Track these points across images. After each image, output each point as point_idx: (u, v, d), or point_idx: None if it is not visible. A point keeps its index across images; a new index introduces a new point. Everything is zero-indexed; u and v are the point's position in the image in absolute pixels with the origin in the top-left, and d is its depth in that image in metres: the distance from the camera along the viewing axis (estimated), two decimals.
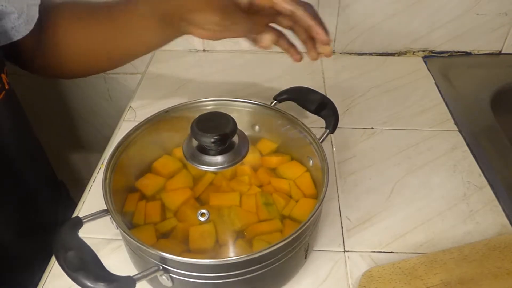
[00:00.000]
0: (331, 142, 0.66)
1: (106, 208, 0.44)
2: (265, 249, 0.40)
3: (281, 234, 0.47)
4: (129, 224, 0.48)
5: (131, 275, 0.39)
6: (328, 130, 0.54)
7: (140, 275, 0.40)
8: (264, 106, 0.54)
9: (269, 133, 0.56)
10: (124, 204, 0.50)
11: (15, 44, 0.54)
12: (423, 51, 0.86)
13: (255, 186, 0.51)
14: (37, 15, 0.55)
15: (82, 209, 0.58)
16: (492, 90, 0.76)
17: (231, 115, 0.46)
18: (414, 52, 0.86)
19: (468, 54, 0.86)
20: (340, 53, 0.87)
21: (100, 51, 0.60)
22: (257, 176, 0.52)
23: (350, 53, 0.87)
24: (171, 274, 0.42)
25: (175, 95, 0.76)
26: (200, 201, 0.50)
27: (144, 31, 0.56)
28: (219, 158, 0.46)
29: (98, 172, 0.63)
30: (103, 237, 0.54)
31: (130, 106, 0.75)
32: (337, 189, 0.59)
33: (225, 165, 0.46)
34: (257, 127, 0.56)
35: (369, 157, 0.64)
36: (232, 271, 0.41)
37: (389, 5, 0.80)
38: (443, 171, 0.62)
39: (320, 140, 0.51)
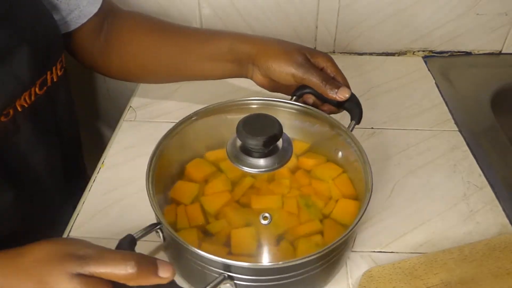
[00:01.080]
0: None
1: (156, 221, 0.44)
2: (331, 245, 0.41)
3: (321, 235, 0.47)
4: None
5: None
6: (354, 122, 0.55)
7: (209, 285, 0.40)
8: (285, 103, 0.55)
9: (300, 133, 0.56)
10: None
11: (70, 35, 0.61)
12: (423, 51, 0.86)
13: (295, 189, 0.50)
14: (93, 12, 0.61)
15: (82, 209, 0.58)
16: (492, 90, 0.76)
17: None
18: (414, 52, 0.86)
19: (468, 54, 0.86)
20: (340, 53, 0.87)
21: (157, 66, 0.65)
22: (296, 178, 0.52)
23: (350, 53, 0.87)
24: (235, 281, 0.42)
25: (176, 95, 0.76)
26: (241, 205, 0.49)
27: (215, 64, 0.62)
28: (264, 161, 0.45)
29: (98, 172, 0.63)
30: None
31: (130, 106, 0.75)
32: None
33: (270, 168, 0.46)
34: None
35: (369, 157, 0.64)
36: (295, 271, 0.41)
37: (389, 5, 0.80)
38: (443, 171, 0.62)
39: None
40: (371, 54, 0.87)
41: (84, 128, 1.06)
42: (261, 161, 0.46)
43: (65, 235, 0.55)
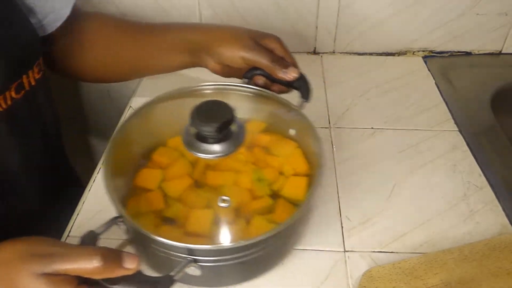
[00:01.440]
0: (331, 141, 0.66)
1: (116, 215, 0.44)
2: (288, 221, 0.42)
3: (271, 211, 0.49)
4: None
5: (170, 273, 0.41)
6: (304, 100, 0.55)
7: (175, 271, 0.41)
8: (238, 86, 0.56)
9: (254, 114, 0.57)
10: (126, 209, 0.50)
11: (46, 39, 0.60)
12: (423, 51, 0.86)
13: (251, 164, 0.52)
14: (67, 14, 0.61)
15: (82, 209, 0.58)
16: (492, 90, 0.76)
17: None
18: (414, 52, 0.86)
19: (468, 54, 0.86)
20: (340, 53, 0.87)
21: (122, 64, 0.66)
22: (251, 154, 0.53)
23: (350, 53, 0.87)
24: (199, 263, 0.43)
25: None
26: (198, 183, 0.50)
27: (169, 56, 0.63)
28: (218, 146, 0.46)
29: (98, 172, 0.63)
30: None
31: (130, 106, 0.75)
32: (337, 189, 0.59)
33: (225, 153, 0.47)
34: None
35: (369, 157, 0.64)
36: (253, 249, 0.43)
37: (389, 5, 0.80)
38: (443, 171, 0.62)
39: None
40: (371, 54, 0.87)
41: (84, 129, 1.07)
42: (216, 147, 0.47)
43: (65, 235, 0.55)
